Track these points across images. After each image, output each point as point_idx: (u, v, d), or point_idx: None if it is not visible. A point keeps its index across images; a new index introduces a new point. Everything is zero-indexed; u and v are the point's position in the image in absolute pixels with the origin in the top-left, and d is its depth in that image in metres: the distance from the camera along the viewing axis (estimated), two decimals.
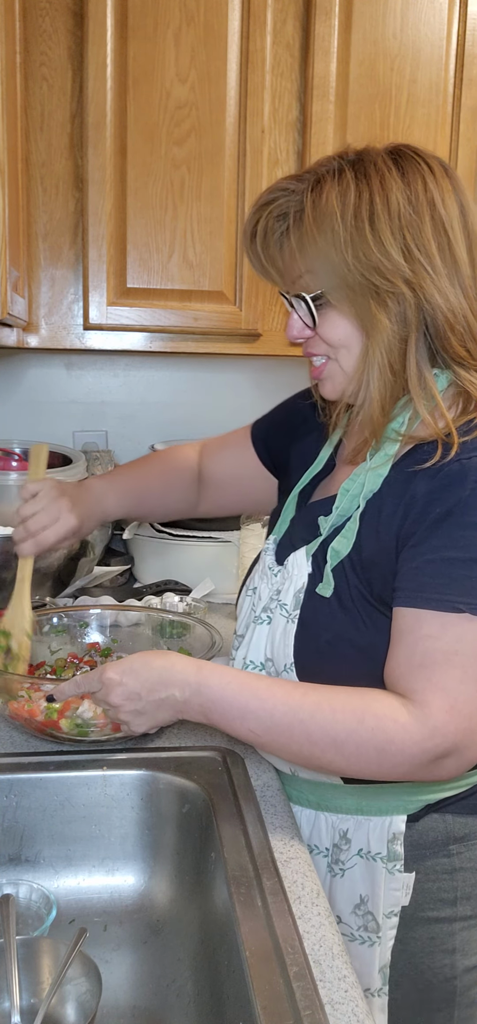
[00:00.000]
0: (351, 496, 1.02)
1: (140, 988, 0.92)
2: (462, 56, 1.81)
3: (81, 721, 1.08)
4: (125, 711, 0.98)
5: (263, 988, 0.72)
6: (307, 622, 1.02)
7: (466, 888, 1.03)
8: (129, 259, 1.76)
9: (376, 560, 0.97)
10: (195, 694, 0.96)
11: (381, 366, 0.98)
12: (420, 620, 0.91)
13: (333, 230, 0.95)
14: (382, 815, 1.02)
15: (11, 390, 2.13)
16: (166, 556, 1.86)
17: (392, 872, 1.01)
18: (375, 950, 1.03)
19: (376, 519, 0.98)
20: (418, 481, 0.95)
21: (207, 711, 0.96)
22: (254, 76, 1.74)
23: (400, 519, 0.95)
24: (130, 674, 0.97)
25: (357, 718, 0.91)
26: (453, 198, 0.98)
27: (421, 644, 0.91)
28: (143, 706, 0.97)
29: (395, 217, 0.94)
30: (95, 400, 2.17)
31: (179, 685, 0.96)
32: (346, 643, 0.98)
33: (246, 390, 2.20)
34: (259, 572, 1.15)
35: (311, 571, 1.03)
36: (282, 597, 1.06)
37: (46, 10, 1.72)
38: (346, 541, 0.99)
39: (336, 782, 1.03)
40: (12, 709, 1.11)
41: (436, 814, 1.02)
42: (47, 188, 1.78)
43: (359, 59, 1.78)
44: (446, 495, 0.92)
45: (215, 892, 0.92)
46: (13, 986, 0.79)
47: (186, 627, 1.38)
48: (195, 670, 0.97)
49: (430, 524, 0.92)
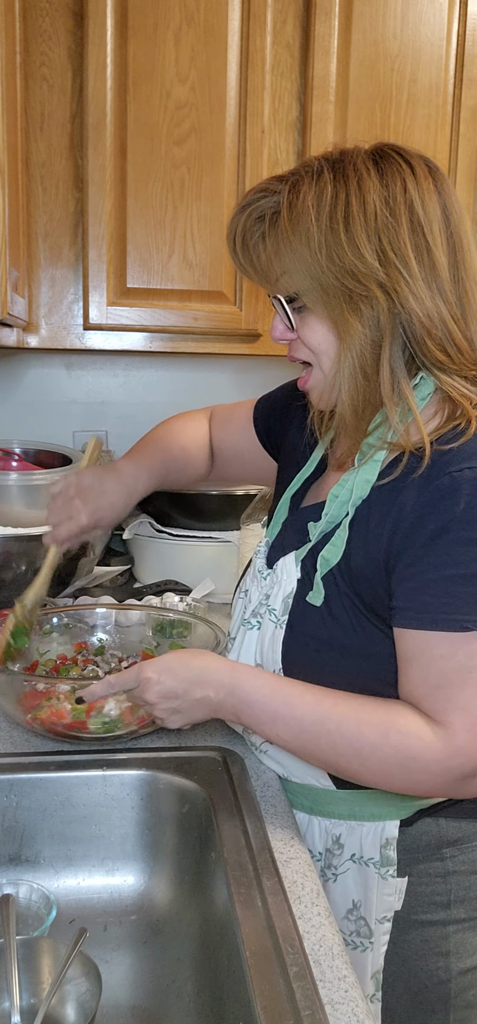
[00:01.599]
0: (340, 503, 1.01)
1: (140, 988, 0.92)
2: (462, 56, 1.81)
3: (109, 720, 1.09)
4: (161, 708, 0.99)
5: (263, 988, 0.72)
6: (296, 628, 1.01)
7: (459, 891, 1.03)
8: (129, 259, 1.76)
9: (365, 572, 0.96)
10: (229, 695, 0.97)
11: (352, 370, 0.96)
12: (429, 642, 0.91)
13: (308, 231, 0.94)
14: (375, 820, 1.01)
15: (11, 390, 2.13)
16: (166, 556, 1.86)
17: (385, 877, 1.01)
18: (367, 956, 1.02)
19: (364, 529, 0.97)
20: (406, 492, 0.93)
21: (239, 712, 0.97)
22: (254, 76, 1.74)
23: (389, 532, 0.94)
24: (167, 673, 0.98)
25: (381, 733, 0.91)
26: (435, 200, 0.95)
27: (434, 665, 0.91)
28: (179, 704, 0.98)
29: (371, 219, 0.92)
30: (95, 400, 2.17)
31: (214, 686, 0.97)
32: (335, 649, 0.98)
33: (246, 390, 2.20)
34: (251, 575, 1.15)
35: (300, 576, 1.03)
36: (271, 602, 1.05)
37: (46, 10, 1.72)
38: (335, 549, 0.99)
39: (329, 787, 1.03)
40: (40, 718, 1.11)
41: (429, 818, 1.02)
42: (47, 188, 1.78)
43: (359, 59, 1.78)
44: (440, 510, 0.90)
45: (215, 892, 0.92)
46: (13, 986, 0.79)
47: (187, 626, 1.38)
48: (230, 672, 0.98)
49: (426, 541, 0.91)
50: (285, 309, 1.00)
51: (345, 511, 1.00)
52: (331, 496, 1.02)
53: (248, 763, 1.10)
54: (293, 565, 1.04)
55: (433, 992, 1.03)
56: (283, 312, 1.01)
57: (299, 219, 0.94)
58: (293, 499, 1.15)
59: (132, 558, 1.96)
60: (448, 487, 0.90)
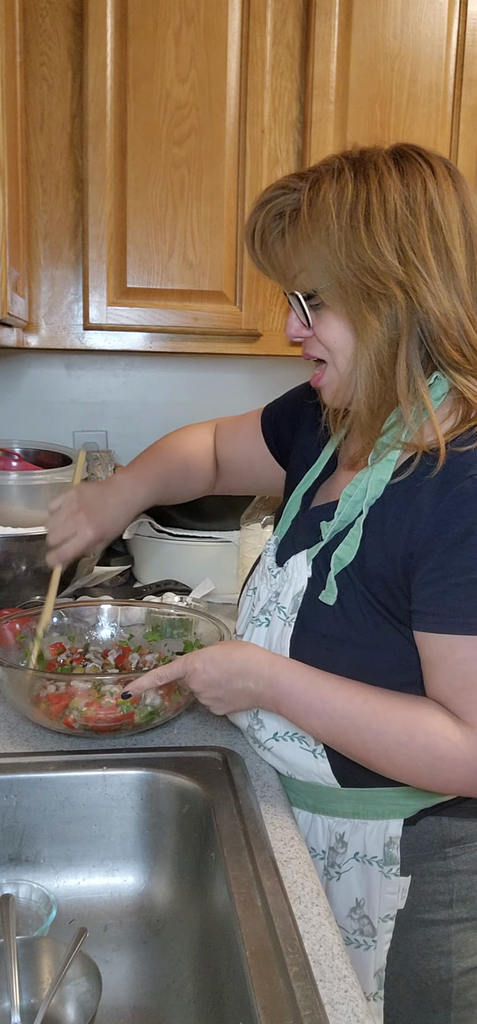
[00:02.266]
0: (353, 502, 1.01)
1: (140, 988, 0.92)
2: (462, 56, 1.81)
3: (152, 708, 1.14)
4: (206, 696, 1.04)
5: (263, 988, 0.72)
6: (306, 625, 1.02)
7: (462, 891, 1.03)
8: (129, 259, 1.76)
9: (380, 572, 0.96)
10: (268, 687, 0.99)
11: (369, 368, 0.97)
12: (453, 646, 0.92)
13: (328, 229, 0.94)
14: (378, 819, 1.02)
15: (11, 390, 2.13)
16: (166, 556, 1.86)
17: (388, 876, 1.01)
18: (371, 954, 1.03)
19: (379, 528, 0.97)
20: (424, 494, 0.94)
21: (278, 704, 1.00)
22: (254, 76, 1.74)
23: (407, 532, 0.94)
24: (211, 663, 1.02)
25: (408, 732, 0.93)
26: (454, 200, 0.96)
27: (460, 668, 0.92)
28: (223, 694, 1.02)
29: (391, 218, 0.93)
30: (95, 400, 2.17)
31: (254, 677, 1.00)
32: (347, 646, 0.98)
33: (246, 390, 2.20)
34: (259, 572, 1.15)
35: (311, 575, 1.03)
36: (281, 600, 1.06)
37: (46, 10, 1.72)
38: (350, 549, 0.99)
39: (333, 785, 1.03)
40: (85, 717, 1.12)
41: (432, 817, 1.02)
42: (47, 188, 1.78)
43: (359, 59, 1.78)
44: (463, 514, 0.91)
45: (215, 892, 0.92)
46: (13, 986, 0.79)
47: (187, 624, 1.38)
48: (269, 664, 1.00)
49: (449, 546, 0.91)
50: (302, 306, 1.00)
51: (358, 510, 1.00)
52: (344, 495, 1.03)
53: (248, 763, 1.10)
54: (304, 564, 1.05)
55: (435, 992, 1.03)
56: (300, 309, 1.01)
57: (319, 216, 0.95)
58: (305, 497, 1.15)
59: (132, 558, 1.96)
60: (470, 491, 0.91)
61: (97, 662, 1.31)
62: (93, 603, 1.46)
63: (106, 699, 1.13)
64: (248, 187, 1.76)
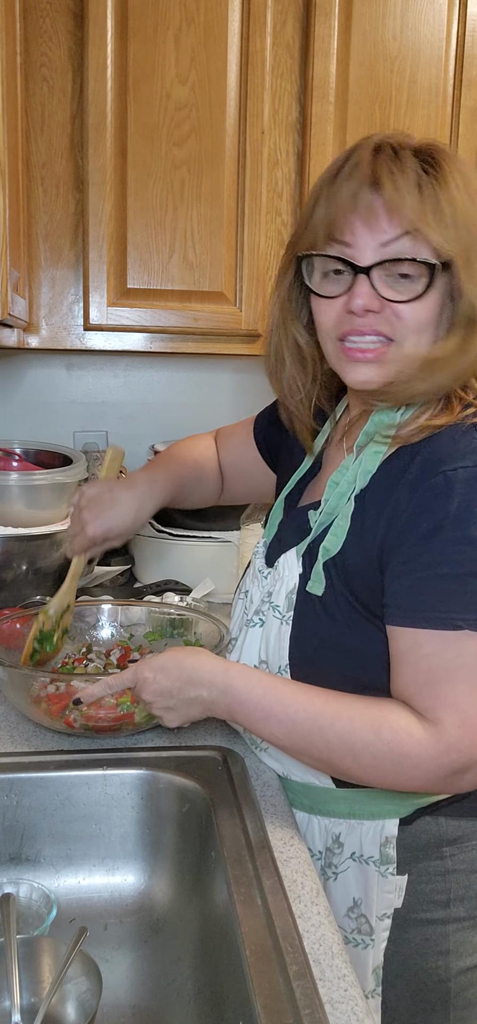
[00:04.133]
0: (338, 493, 1.02)
1: (140, 987, 0.93)
2: (462, 57, 1.81)
3: None
4: (157, 707, 1.00)
5: (263, 987, 0.72)
6: (301, 623, 1.02)
7: (459, 890, 1.03)
8: (129, 260, 1.76)
9: (360, 569, 0.97)
10: (222, 694, 0.97)
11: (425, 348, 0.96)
12: (419, 640, 0.92)
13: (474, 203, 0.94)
14: (374, 819, 1.02)
15: (11, 390, 2.13)
16: (166, 556, 1.86)
17: (385, 875, 1.01)
18: (369, 952, 1.03)
19: (360, 525, 0.98)
20: (401, 490, 0.94)
21: (233, 711, 0.98)
22: (254, 77, 1.74)
23: (384, 528, 0.95)
24: (161, 672, 0.99)
25: (374, 730, 0.92)
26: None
27: (424, 663, 0.91)
28: (174, 703, 0.99)
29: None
30: (95, 400, 2.17)
31: (207, 685, 0.98)
32: (333, 646, 0.99)
33: (246, 391, 2.20)
34: (250, 576, 1.15)
35: (301, 571, 1.03)
36: (274, 599, 1.06)
37: (46, 11, 1.73)
38: (336, 539, 0.99)
39: (329, 786, 1.03)
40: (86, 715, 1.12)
41: (429, 817, 1.02)
42: (47, 189, 1.79)
43: (359, 60, 1.79)
44: (433, 509, 0.91)
45: (215, 892, 0.92)
46: (13, 985, 0.79)
47: (187, 624, 1.38)
48: (223, 671, 0.98)
49: (419, 539, 0.91)
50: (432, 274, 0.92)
51: (344, 501, 1.01)
52: (330, 483, 1.03)
53: (248, 763, 1.10)
54: (295, 560, 1.05)
55: (433, 991, 1.03)
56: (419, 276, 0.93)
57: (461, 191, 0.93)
58: (288, 500, 1.16)
59: (132, 558, 1.96)
60: (442, 486, 0.91)
61: (99, 662, 1.31)
62: (93, 603, 1.46)
63: (107, 698, 1.13)
64: (248, 188, 1.76)
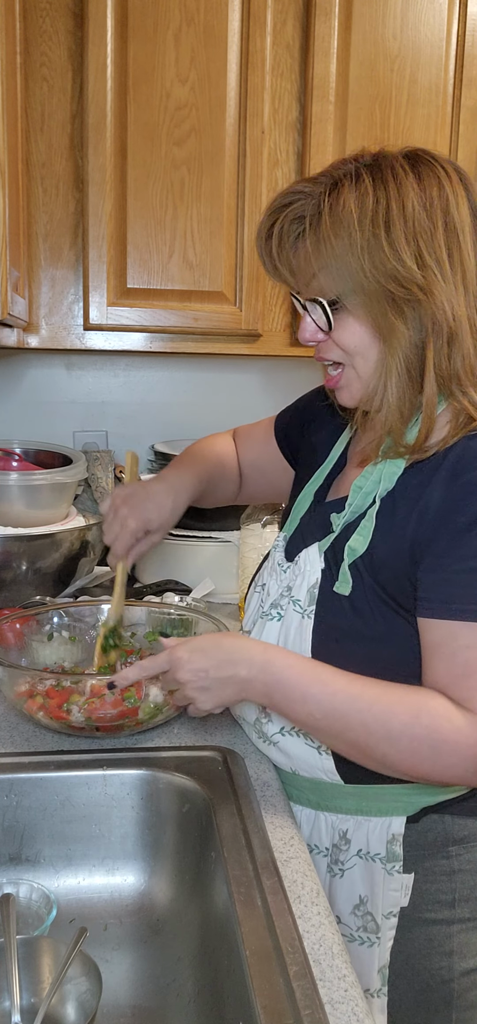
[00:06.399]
0: (364, 494, 1.02)
1: (140, 987, 0.92)
2: (462, 56, 1.81)
3: (155, 704, 1.13)
4: (192, 687, 0.99)
5: (263, 987, 0.72)
6: (323, 617, 1.02)
7: (464, 890, 1.03)
8: (129, 259, 1.76)
9: (388, 563, 0.97)
10: (260, 672, 0.97)
11: (400, 372, 0.97)
12: (454, 632, 0.92)
13: (350, 236, 0.94)
14: (381, 816, 1.02)
15: (11, 390, 2.13)
16: (166, 556, 1.86)
17: (391, 873, 1.01)
18: (374, 951, 1.03)
19: (389, 521, 0.99)
20: (433, 486, 0.95)
21: (271, 691, 0.97)
22: (254, 77, 1.74)
23: (414, 524, 0.96)
24: (198, 652, 0.99)
25: (413, 714, 0.92)
26: (466, 204, 0.97)
27: (460, 655, 0.92)
28: (210, 683, 0.98)
29: (410, 223, 0.94)
30: (95, 400, 2.17)
31: (246, 663, 0.97)
32: (357, 639, 0.99)
33: (246, 390, 2.20)
34: (268, 569, 1.16)
35: (324, 567, 1.04)
36: (294, 593, 1.06)
37: (46, 11, 1.73)
38: (362, 539, 1.00)
39: (336, 782, 1.03)
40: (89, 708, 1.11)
41: (435, 815, 1.02)
42: (47, 188, 1.79)
43: (359, 60, 1.78)
44: (469, 504, 0.92)
45: (215, 892, 0.92)
46: (13, 985, 0.79)
47: (187, 624, 1.38)
48: (261, 650, 0.99)
49: (454, 534, 0.92)
50: (326, 311, 0.99)
51: (369, 501, 1.02)
52: (354, 488, 1.04)
53: (248, 763, 1.10)
54: (317, 556, 1.05)
55: (436, 992, 1.03)
56: (320, 314, 1.00)
57: (341, 223, 0.95)
58: (317, 494, 1.16)
59: None
60: None
61: None
62: (93, 603, 1.46)
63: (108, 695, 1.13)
64: (248, 188, 1.76)
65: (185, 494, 1.29)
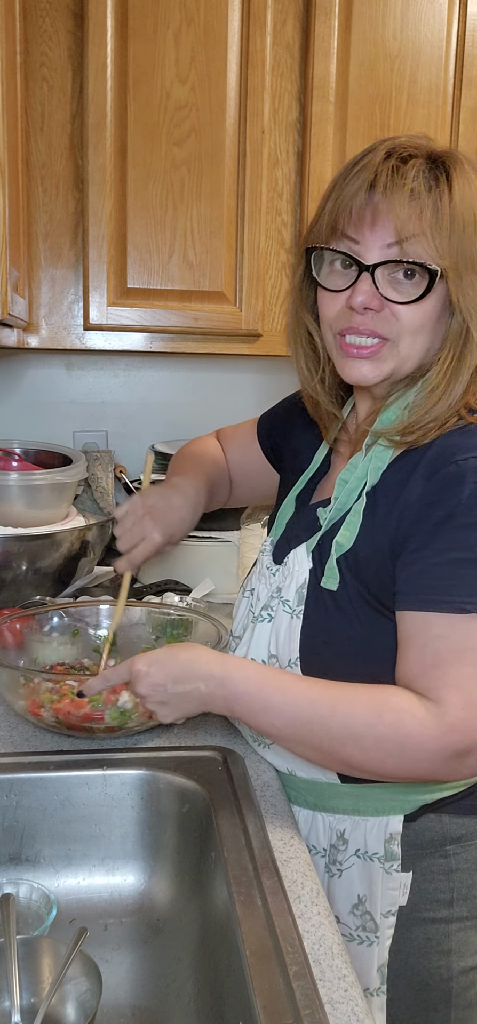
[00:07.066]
0: (349, 489, 1.03)
1: (140, 988, 0.92)
2: (462, 56, 1.81)
3: (124, 711, 1.11)
4: (152, 701, 0.99)
5: (263, 987, 0.72)
6: (311, 617, 1.02)
7: (462, 889, 1.03)
8: (129, 259, 1.76)
9: (371, 561, 0.98)
10: (219, 687, 0.96)
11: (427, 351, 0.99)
12: (428, 623, 0.92)
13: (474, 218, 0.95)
14: (379, 815, 1.02)
15: (11, 390, 2.13)
16: (166, 556, 1.86)
17: (389, 872, 1.01)
18: (374, 950, 1.03)
19: (371, 519, 0.99)
20: (413, 483, 0.95)
21: (231, 704, 0.97)
22: (254, 77, 1.74)
23: (395, 522, 0.96)
24: (156, 665, 0.98)
25: (376, 712, 0.92)
26: None
27: (431, 645, 0.92)
28: (168, 698, 0.98)
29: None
30: (95, 400, 2.17)
31: (203, 678, 0.97)
32: (344, 640, 0.99)
33: (246, 390, 2.20)
34: (256, 574, 1.15)
35: (311, 566, 1.04)
36: (284, 594, 1.06)
37: (46, 11, 1.73)
38: (349, 534, 1.00)
39: (333, 781, 1.03)
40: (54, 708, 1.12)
41: (433, 814, 1.02)
42: (47, 188, 1.79)
43: (359, 60, 1.79)
44: (445, 497, 0.92)
45: (215, 892, 0.92)
46: (13, 985, 0.79)
47: (187, 625, 1.38)
48: (219, 663, 0.98)
49: (431, 528, 0.92)
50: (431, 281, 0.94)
51: (354, 497, 1.01)
52: (340, 481, 1.04)
53: (248, 763, 1.10)
54: (305, 556, 1.05)
55: (435, 990, 1.03)
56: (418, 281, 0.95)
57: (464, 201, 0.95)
58: (299, 498, 1.16)
59: None
60: (454, 475, 0.93)
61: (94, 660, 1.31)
62: (93, 603, 1.46)
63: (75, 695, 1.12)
64: (248, 188, 1.76)
65: (200, 505, 1.29)
